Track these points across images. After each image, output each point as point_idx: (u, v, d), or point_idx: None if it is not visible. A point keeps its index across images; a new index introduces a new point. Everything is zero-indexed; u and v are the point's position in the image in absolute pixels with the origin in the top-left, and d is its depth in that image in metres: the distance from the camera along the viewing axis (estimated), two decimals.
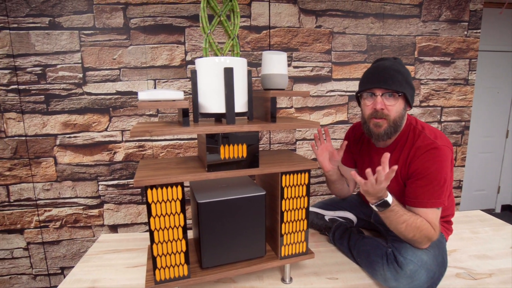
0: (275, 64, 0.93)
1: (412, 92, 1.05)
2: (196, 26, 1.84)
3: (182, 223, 0.86)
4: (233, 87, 0.84)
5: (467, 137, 2.27)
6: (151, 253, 0.85)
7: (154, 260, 0.85)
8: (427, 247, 1.00)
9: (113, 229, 1.97)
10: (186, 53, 1.86)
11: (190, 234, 1.22)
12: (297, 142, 2.07)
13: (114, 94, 1.83)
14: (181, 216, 0.85)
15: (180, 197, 0.85)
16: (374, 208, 0.97)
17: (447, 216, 1.15)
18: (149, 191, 0.81)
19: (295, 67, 1.97)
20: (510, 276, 1.09)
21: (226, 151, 0.87)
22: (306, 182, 0.98)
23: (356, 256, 1.14)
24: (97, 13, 1.74)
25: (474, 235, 1.40)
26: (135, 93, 1.84)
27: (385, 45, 2.05)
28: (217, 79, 0.84)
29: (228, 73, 0.83)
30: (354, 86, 2.06)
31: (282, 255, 1.01)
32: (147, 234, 1.44)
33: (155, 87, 1.86)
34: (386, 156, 0.87)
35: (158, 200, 0.83)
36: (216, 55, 0.89)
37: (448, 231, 1.17)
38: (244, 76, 0.89)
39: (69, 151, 1.84)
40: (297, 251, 1.02)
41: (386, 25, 2.03)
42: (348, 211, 1.37)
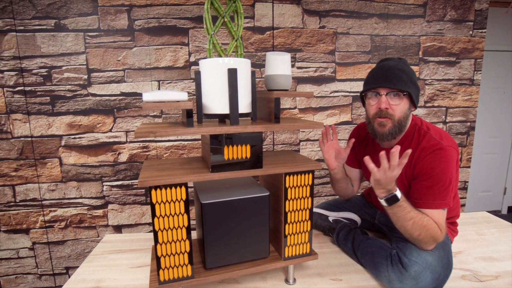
0: (279, 65, 0.93)
1: (417, 92, 1.04)
2: (200, 27, 1.84)
3: (186, 224, 0.86)
4: (237, 88, 0.85)
5: (473, 138, 2.25)
6: (155, 254, 0.85)
7: (158, 261, 0.85)
8: (432, 249, 0.99)
9: (118, 230, 1.98)
10: (190, 54, 1.86)
11: (194, 235, 1.22)
12: (301, 143, 2.07)
13: (119, 95, 1.84)
14: (185, 217, 0.86)
15: (184, 198, 0.85)
16: (383, 203, 0.96)
17: (452, 218, 1.14)
18: (153, 192, 0.82)
19: (299, 68, 1.97)
20: None
21: (230, 152, 0.88)
22: (310, 183, 0.98)
23: (360, 257, 1.14)
24: (102, 15, 1.76)
25: (480, 237, 1.38)
26: (139, 94, 1.85)
27: (389, 46, 2.04)
28: (221, 80, 0.84)
29: (232, 74, 0.83)
30: (358, 87, 2.05)
31: (286, 256, 1.00)
32: (151, 235, 1.44)
33: (159, 88, 1.87)
34: (397, 147, 0.89)
35: (162, 201, 0.83)
36: (220, 56, 0.89)
37: (454, 233, 1.16)
38: (248, 77, 0.89)
39: (74, 152, 1.86)
40: (301, 252, 1.02)
41: (390, 25, 2.02)
42: (352, 212, 1.36)
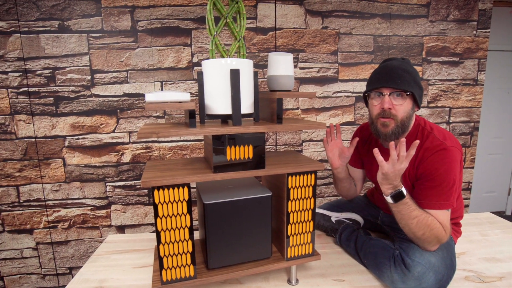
0: (281, 65, 0.93)
1: (421, 92, 1.04)
2: (203, 28, 1.85)
3: (189, 224, 0.86)
4: (239, 89, 0.85)
5: (476, 138, 2.24)
6: (158, 254, 0.85)
7: (161, 261, 0.86)
8: (436, 250, 0.98)
9: (120, 230, 1.99)
10: (193, 55, 1.87)
11: (197, 235, 1.22)
12: (304, 144, 2.07)
13: (122, 96, 1.85)
14: (188, 217, 0.86)
15: (187, 198, 0.85)
16: (389, 200, 0.96)
17: (456, 218, 1.14)
18: (156, 192, 0.82)
19: (301, 68, 1.97)
20: None
21: (232, 152, 0.88)
22: (313, 183, 0.98)
23: (363, 258, 1.13)
24: (105, 16, 1.77)
25: (484, 238, 1.38)
26: (142, 95, 1.86)
27: (392, 46, 2.03)
28: (224, 81, 0.84)
29: (234, 75, 0.83)
30: (361, 87, 2.05)
31: (288, 257, 1.00)
32: (154, 235, 1.45)
33: (162, 89, 1.87)
34: (404, 138, 0.90)
35: (165, 201, 0.83)
36: (223, 57, 0.89)
37: (457, 233, 1.16)
38: (250, 78, 0.89)
39: (78, 153, 1.87)
40: (304, 253, 1.02)
41: (393, 26, 2.01)
42: (355, 213, 1.36)
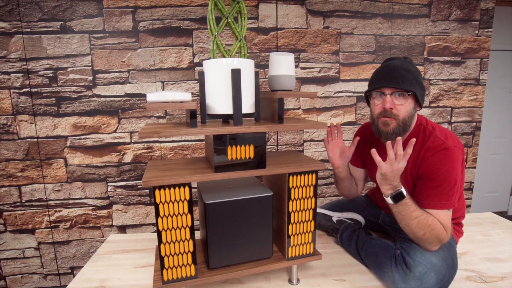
0: (283, 65, 0.93)
1: (422, 92, 1.03)
2: (204, 28, 1.85)
3: (190, 224, 0.86)
4: (241, 88, 0.85)
5: (478, 138, 2.23)
6: (159, 253, 0.85)
7: (162, 260, 0.86)
8: (437, 249, 0.98)
9: (122, 230, 1.99)
10: (194, 55, 1.87)
11: (198, 235, 1.22)
12: (305, 143, 2.07)
13: (123, 96, 1.85)
14: (189, 217, 0.86)
15: (188, 198, 0.85)
16: (389, 201, 0.96)
17: (458, 218, 1.13)
18: (157, 192, 0.82)
19: (303, 68, 1.97)
20: None
21: (234, 152, 0.88)
22: (314, 183, 0.97)
23: (364, 258, 1.13)
24: (107, 17, 1.77)
25: (486, 238, 1.37)
26: (144, 95, 1.86)
27: (394, 46, 2.03)
28: (225, 81, 0.84)
29: (236, 75, 0.83)
30: (362, 87, 2.04)
31: (289, 256, 1.00)
32: (155, 235, 1.45)
33: (163, 89, 1.88)
34: (400, 138, 0.90)
35: (166, 201, 0.83)
36: (224, 57, 0.90)
37: (459, 233, 1.15)
38: (252, 77, 0.89)
39: (79, 153, 1.87)
40: (304, 252, 1.02)
41: (395, 25, 2.01)
42: (356, 213, 1.36)
